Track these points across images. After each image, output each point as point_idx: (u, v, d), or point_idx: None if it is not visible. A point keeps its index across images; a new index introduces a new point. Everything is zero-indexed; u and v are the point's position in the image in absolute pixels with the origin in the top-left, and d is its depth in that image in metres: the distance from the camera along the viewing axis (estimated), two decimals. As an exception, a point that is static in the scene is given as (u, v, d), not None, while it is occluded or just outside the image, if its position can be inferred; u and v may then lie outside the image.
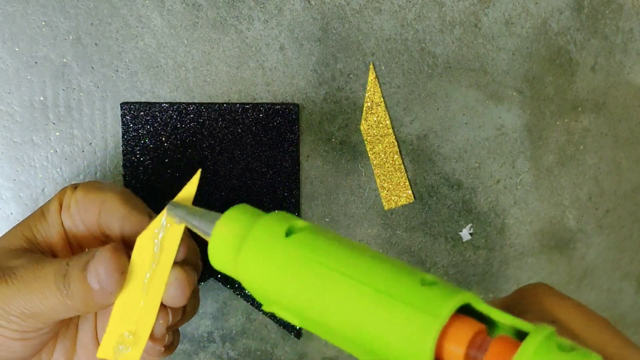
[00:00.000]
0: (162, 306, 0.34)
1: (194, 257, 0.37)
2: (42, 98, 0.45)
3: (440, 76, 0.46)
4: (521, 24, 0.46)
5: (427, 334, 0.23)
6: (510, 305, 0.30)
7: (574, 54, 0.46)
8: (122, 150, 0.45)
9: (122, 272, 0.33)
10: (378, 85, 0.46)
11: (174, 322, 0.35)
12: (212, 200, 0.46)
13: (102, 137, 0.45)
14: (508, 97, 0.46)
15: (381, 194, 0.45)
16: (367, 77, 0.46)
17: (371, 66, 0.45)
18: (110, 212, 0.35)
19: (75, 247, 0.37)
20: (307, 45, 0.46)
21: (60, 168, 0.45)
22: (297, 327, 0.48)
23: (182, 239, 0.34)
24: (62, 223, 0.37)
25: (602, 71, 0.47)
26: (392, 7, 0.46)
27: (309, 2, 0.45)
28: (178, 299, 0.34)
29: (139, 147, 0.45)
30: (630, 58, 0.48)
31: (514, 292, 0.31)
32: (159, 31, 0.45)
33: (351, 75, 0.46)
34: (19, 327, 0.33)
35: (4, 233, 0.37)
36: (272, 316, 0.47)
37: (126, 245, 0.35)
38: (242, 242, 0.29)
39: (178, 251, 0.34)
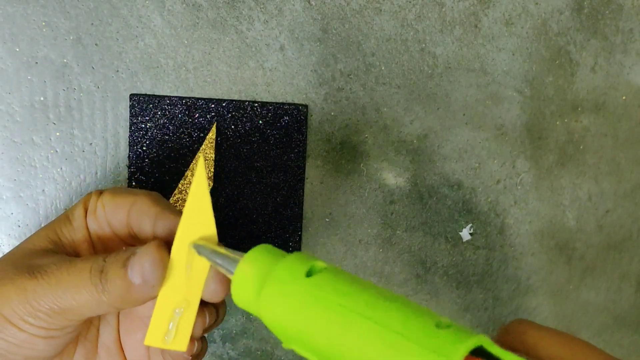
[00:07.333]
0: (200, 308, 0.35)
1: None
2: (42, 98, 0.45)
3: (440, 76, 0.46)
4: (521, 24, 0.46)
5: None
6: (497, 343, 0.31)
7: (574, 54, 0.46)
8: (129, 142, 0.45)
9: (165, 266, 0.34)
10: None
11: (210, 324, 0.36)
12: (216, 197, 0.46)
13: (102, 137, 0.45)
14: (508, 97, 0.46)
15: None
16: (367, 78, 0.46)
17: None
18: (142, 212, 0.36)
19: (100, 250, 0.38)
20: (307, 46, 0.46)
21: (61, 168, 0.45)
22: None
23: None
24: (87, 226, 0.37)
25: (602, 71, 0.47)
26: (392, 7, 0.46)
27: (309, 2, 0.45)
28: (218, 294, 0.35)
29: (145, 139, 0.45)
30: (630, 58, 0.48)
31: (499, 330, 0.32)
32: (159, 31, 0.45)
33: (351, 76, 0.46)
34: (46, 324, 0.33)
35: (28, 237, 0.38)
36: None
37: None
38: (264, 282, 0.30)
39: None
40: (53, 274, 0.33)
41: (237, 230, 0.46)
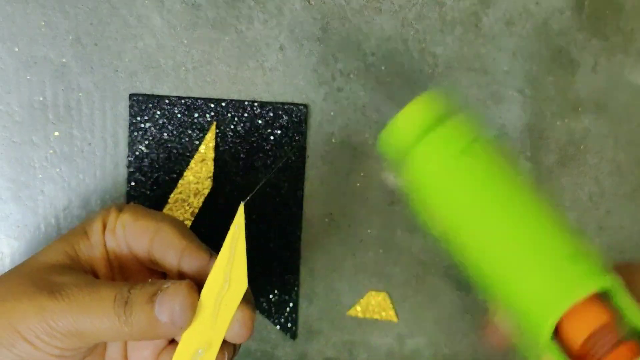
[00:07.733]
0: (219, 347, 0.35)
1: (251, 295, 0.37)
2: (41, 98, 0.45)
3: (440, 76, 0.46)
4: (522, 24, 0.46)
5: (554, 307, 0.23)
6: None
7: (575, 54, 0.46)
8: (128, 142, 0.45)
9: (195, 309, 0.33)
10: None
11: None
12: (215, 197, 0.46)
13: (101, 137, 0.45)
14: (508, 97, 0.46)
15: None
16: (367, 78, 0.46)
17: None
18: (167, 243, 0.35)
19: (117, 268, 0.37)
20: (307, 45, 0.45)
21: (60, 168, 0.45)
22: (293, 329, 0.47)
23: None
24: (104, 243, 0.37)
25: (603, 71, 0.47)
26: (392, 7, 0.45)
27: (309, 2, 0.45)
28: (242, 336, 0.34)
29: (145, 139, 0.45)
30: (631, 58, 0.47)
31: (620, 268, 0.29)
32: (158, 31, 0.45)
33: (351, 75, 0.46)
34: (61, 344, 0.33)
35: (43, 248, 0.37)
36: (272, 317, 0.47)
37: (182, 278, 0.35)
38: (426, 134, 0.28)
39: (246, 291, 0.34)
40: (74, 296, 0.33)
41: (236, 230, 0.46)
